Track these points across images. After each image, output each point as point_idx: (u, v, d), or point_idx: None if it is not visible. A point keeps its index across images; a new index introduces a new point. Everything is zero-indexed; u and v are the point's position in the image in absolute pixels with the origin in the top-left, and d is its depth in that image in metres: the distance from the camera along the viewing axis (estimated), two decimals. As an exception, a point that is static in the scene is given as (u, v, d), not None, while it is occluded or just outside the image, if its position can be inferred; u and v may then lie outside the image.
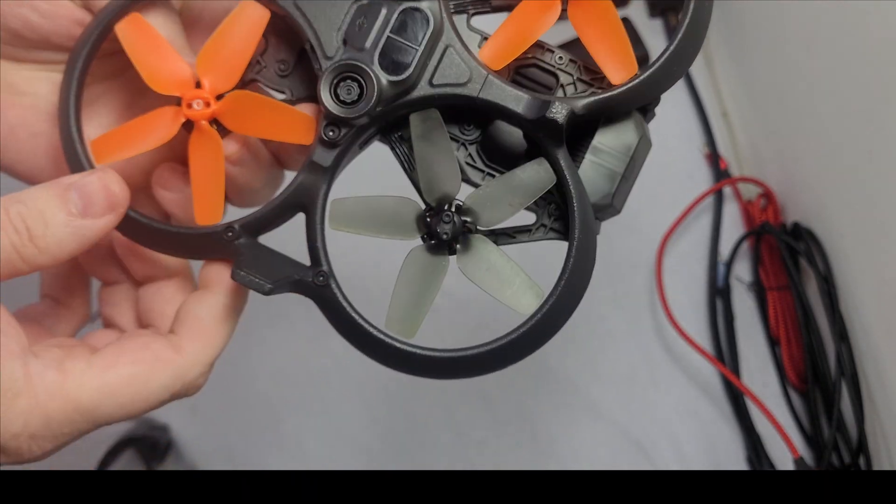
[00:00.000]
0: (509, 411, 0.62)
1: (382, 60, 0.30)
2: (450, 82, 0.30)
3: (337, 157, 0.31)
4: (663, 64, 0.31)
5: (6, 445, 0.28)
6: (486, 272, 0.31)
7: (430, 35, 0.30)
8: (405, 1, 0.30)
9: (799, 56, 0.58)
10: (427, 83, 0.30)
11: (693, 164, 0.68)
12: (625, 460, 0.61)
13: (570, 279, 0.31)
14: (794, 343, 0.61)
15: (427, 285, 0.30)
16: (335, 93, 0.30)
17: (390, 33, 0.30)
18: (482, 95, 0.30)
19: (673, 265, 0.65)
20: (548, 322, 0.31)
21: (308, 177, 0.30)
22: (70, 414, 0.28)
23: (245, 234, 0.30)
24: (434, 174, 0.30)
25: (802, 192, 0.61)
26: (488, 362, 0.31)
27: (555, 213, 0.33)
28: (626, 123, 0.32)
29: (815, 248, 0.58)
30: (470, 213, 0.30)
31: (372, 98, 0.29)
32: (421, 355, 0.30)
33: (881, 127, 0.49)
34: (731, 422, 0.62)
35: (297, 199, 0.31)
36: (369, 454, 0.61)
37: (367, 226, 0.31)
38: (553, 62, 0.32)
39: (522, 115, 0.30)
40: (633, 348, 0.64)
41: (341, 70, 0.30)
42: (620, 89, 0.30)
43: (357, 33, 0.30)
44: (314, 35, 0.30)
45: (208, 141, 0.31)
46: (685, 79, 0.69)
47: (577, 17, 0.30)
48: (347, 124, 0.30)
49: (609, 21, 0.30)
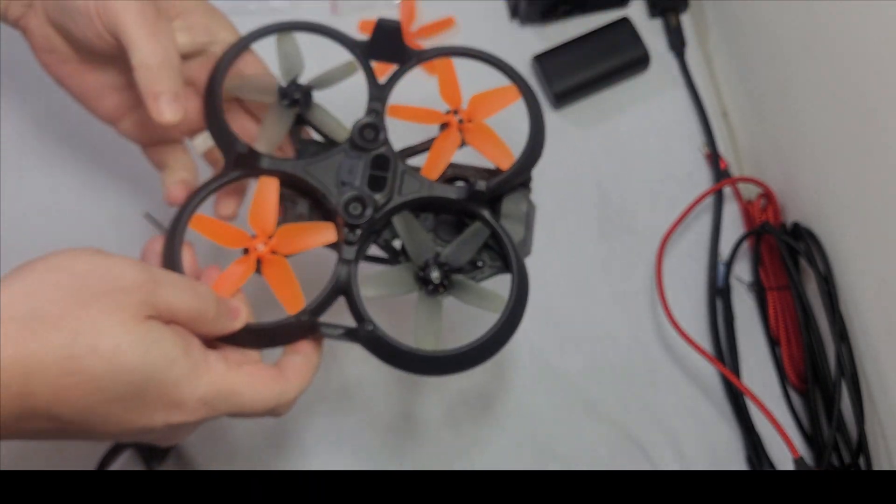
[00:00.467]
0: (509, 410, 0.62)
1: (370, 186, 0.47)
2: (411, 192, 0.48)
3: (356, 252, 0.46)
4: (523, 157, 0.49)
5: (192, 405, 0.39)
6: (472, 296, 0.46)
7: (392, 166, 0.48)
8: (373, 151, 0.48)
9: (799, 56, 0.58)
10: (398, 195, 0.48)
11: (693, 165, 0.68)
12: (624, 459, 0.61)
13: (520, 291, 0.46)
14: (794, 343, 0.62)
15: (434, 316, 0.46)
16: (348, 210, 0.46)
17: (371, 171, 0.47)
18: (432, 194, 0.48)
19: (673, 265, 0.65)
20: (510, 322, 0.46)
21: (341, 269, 0.46)
22: (223, 395, 0.40)
23: (312, 316, 0.45)
24: (417, 247, 0.47)
25: (802, 192, 0.61)
26: (489, 351, 0.46)
27: (491, 260, 0.49)
28: (518, 195, 0.50)
29: (815, 249, 0.59)
30: (445, 262, 0.46)
31: (370, 210, 0.46)
32: (442, 357, 0.45)
33: (881, 127, 0.50)
34: (731, 422, 0.62)
35: (338, 287, 0.46)
36: (369, 452, 0.61)
37: (387, 289, 0.46)
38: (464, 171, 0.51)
39: (459, 198, 0.48)
40: (632, 348, 0.64)
41: (349, 200, 0.46)
42: (507, 172, 0.48)
43: (349, 176, 0.47)
44: (323, 185, 0.47)
45: (276, 263, 0.46)
46: (685, 79, 0.69)
47: (472, 140, 0.50)
48: (358, 228, 0.46)
49: (491, 136, 0.50)
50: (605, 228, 0.66)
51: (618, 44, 0.68)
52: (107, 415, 0.37)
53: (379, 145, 0.48)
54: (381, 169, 0.48)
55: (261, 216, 0.46)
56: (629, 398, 0.63)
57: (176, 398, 0.38)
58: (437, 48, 0.52)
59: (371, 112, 0.49)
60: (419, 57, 0.51)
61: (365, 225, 0.46)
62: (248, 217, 0.46)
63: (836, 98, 0.54)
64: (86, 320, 0.36)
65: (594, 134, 0.68)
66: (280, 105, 0.50)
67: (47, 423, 0.36)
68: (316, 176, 0.47)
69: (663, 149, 0.68)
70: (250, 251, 0.45)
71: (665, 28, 0.71)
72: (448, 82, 0.52)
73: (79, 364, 0.35)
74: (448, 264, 0.46)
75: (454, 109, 0.51)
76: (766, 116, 0.66)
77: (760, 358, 0.64)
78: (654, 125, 0.69)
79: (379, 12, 0.70)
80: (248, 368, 0.42)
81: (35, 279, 0.36)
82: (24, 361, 0.34)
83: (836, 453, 0.57)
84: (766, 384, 0.63)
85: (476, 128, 0.50)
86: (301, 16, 0.70)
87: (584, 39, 0.68)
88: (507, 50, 0.69)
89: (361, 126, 0.48)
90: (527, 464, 0.61)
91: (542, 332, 0.64)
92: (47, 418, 0.36)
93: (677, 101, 0.69)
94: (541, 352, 0.64)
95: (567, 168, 0.67)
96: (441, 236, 0.50)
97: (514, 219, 0.49)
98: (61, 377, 0.35)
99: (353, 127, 0.48)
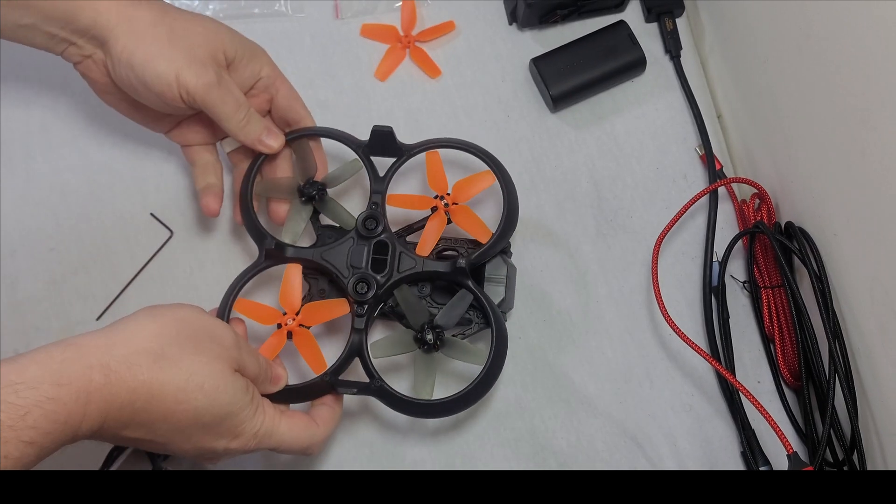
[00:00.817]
0: (508, 406, 0.63)
1: (373, 268, 0.57)
2: (407, 269, 0.58)
3: (365, 322, 0.56)
4: (498, 233, 0.58)
5: (247, 437, 0.49)
6: (459, 352, 0.56)
7: (391, 249, 0.57)
8: (374, 238, 0.58)
9: (791, 59, 0.58)
10: (396, 272, 0.57)
11: (688, 165, 0.68)
12: (621, 455, 0.62)
13: (498, 346, 0.56)
14: (787, 341, 0.62)
15: (430, 370, 0.56)
16: (356, 290, 0.56)
17: (373, 255, 0.57)
18: (425, 269, 0.57)
19: (669, 264, 0.66)
20: (491, 372, 0.55)
21: (354, 338, 0.56)
22: (269, 434, 0.50)
23: (333, 376, 0.55)
24: (414, 314, 0.56)
25: (796, 192, 0.62)
26: (476, 396, 0.56)
27: (478, 317, 0.59)
28: (498, 261, 0.60)
29: (809, 247, 0.59)
30: (438, 325, 0.56)
31: (374, 287, 0.56)
32: (436, 403, 0.55)
33: (873, 128, 0.50)
34: (725, 418, 0.63)
35: (352, 351, 0.56)
36: (371, 448, 0.62)
37: (391, 350, 0.57)
38: (454, 244, 0.61)
39: (446, 271, 0.57)
40: (629, 345, 0.64)
41: (356, 281, 0.56)
42: (486, 245, 0.58)
43: (356, 260, 0.57)
44: (335, 269, 0.57)
45: (303, 334, 0.56)
46: (681, 82, 0.70)
47: (457, 219, 0.59)
48: (366, 303, 0.56)
49: (471, 216, 0.58)
50: (602, 228, 0.67)
51: (614, 47, 0.69)
52: (190, 437, 0.47)
53: (379, 233, 0.58)
54: (382, 253, 0.57)
55: (288, 297, 0.57)
56: (626, 395, 0.63)
57: (239, 431, 0.49)
58: (424, 142, 0.61)
59: (372, 205, 0.58)
60: (409, 151, 0.60)
61: (370, 301, 0.56)
62: (279, 298, 0.57)
63: (828, 100, 0.55)
64: (197, 364, 0.46)
65: (591, 135, 0.69)
66: (299, 202, 0.60)
67: (144, 434, 0.45)
68: (330, 261, 0.57)
69: (659, 150, 0.69)
70: (282, 326, 0.56)
71: (661, 32, 0.71)
72: (435, 172, 0.60)
73: (187, 396, 0.45)
74: (440, 327, 0.56)
75: (441, 195, 0.59)
76: (759, 118, 0.66)
77: (755, 355, 0.64)
78: (650, 127, 0.69)
79: (381, 16, 0.72)
80: (289, 414, 0.52)
81: (162, 324, 0.46)
82: (150, 387, 0.44)
83: (829, 449, 0.57)
84: (760, 381, 0.64)
85: (460, 209, 0.59)
86: (305, 21, 0.71)
87: (581, 43, 0.69)
88: (506, 53, 0.71)
89: (364, 218, 0.58)
90: (525, 459, 0.62)
91: (540, 330, 0.64)
92: (147, 431, 0.45)
93: (673, 103, 0.70)
94: (539, 349, 0.64)
95: (565, 169, 0.68)
96: (436, 300, 0.59)
97: (495, 282, 0.59)
98: (173, 404, 0.45)
99: (357, 219, 0.58)
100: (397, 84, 0.70)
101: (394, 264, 0.57)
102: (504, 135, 0.69)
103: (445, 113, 0.69)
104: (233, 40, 0.57)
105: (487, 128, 0.69)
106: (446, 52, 0.71)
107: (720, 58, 0.70)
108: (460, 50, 0.71)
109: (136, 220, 0.65)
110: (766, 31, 0.61)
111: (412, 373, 0.57)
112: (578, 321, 0.65)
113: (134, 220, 0.65)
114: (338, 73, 0.70)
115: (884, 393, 0.54)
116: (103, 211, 0.65)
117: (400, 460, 0.62)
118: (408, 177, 0.65)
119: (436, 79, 0.70)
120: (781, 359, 0.62)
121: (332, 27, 0.71)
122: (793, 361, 0.62)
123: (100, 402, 0.41)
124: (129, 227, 0.65)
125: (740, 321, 0.65)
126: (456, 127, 0.69)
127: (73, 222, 0.65)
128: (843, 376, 0.56)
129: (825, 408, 0.56)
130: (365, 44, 0.71)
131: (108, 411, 0.42)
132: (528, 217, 0.66)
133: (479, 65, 0.71)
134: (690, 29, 0.73)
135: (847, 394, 0.56)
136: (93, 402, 0.41)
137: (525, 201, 0.63)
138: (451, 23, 0.71)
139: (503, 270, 0.59)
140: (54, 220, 0.65)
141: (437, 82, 0.70)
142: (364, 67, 0.70)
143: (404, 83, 0.70)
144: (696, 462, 0.62)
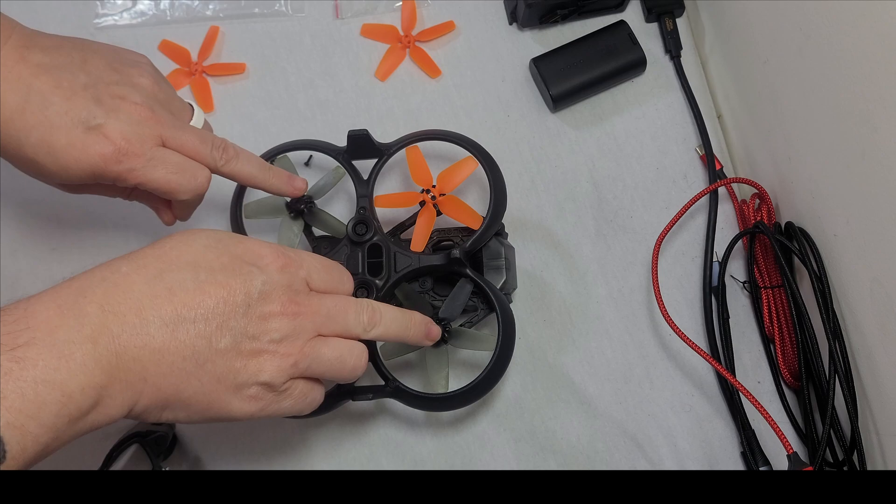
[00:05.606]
0: (508, 406, 0.63)
1: (370, 272, 0.57)
2: (404, 267, 0.58)
3: None
4: (489, 216, 0.58)
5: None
6: (467, 341, 0.57)
7: (385, 251, 0.58)
8: (366, 243, 0.58)
9: (791, 59, 0.58)
10: (394, 272, 0.58)
11: (688, 166, 0.69)
12: (621, 455, 0.62)
13: (505, 329, 0.56)
14: (787, 341, 0.62)
15: (442, 363, 0.57)
16: (356, 294, 0.55)
17: (368, 259, 0.58)
18: (422, 265, 0.58)
19: (669, 264, 0.66)
20: (502, 356, 0.56)
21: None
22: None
23: (349, 385, 0.56)
24: (419, 310, 0.54)
25: (796, 192, 0.62)
26: (487, 384, 0.56)
27: (482, 303, 0.59)
28: (495, 244, 0.60)
29: (809, 247, 0.59)
30: (443, 318, 0.56)
31: (374, 291, 0.56)
32: (453, 395, 0.55)
33: (874, 128, 0.50)
34: (725, 418, 0.63)
35: None
36: (371, 448, 0.62)
37: (402, 350, 0.58)
38: (448, 234, 0.61)
39: (443, 263, 0.57)
40: (629, 346, 0.64)
41: (356, 286, 0.55)
42: (478, 231, 0.58)
43: (352, 266, 0.57)
44: None
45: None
46: (681, 82, 0.70)
47: (446, 210, 0.59)
48: None
49: (460, 204, 0.58)
50: (602, 228, 0.67)
51: (615, 47, 0.69)
52: (201, 366, 0.43)
53: (371, 237, 0.58)
54: (376, 256, 0.58)
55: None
56: (626, 395, 0.63)
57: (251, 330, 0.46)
58: (403, 138, 0.61)
59: (360, 210, 0.59)
60: (389, 151, 0.60)
61: None
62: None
63: (828, 100, 0.55)
64: None
65: (591, 135, 0.69)
66: (289, 218, 0.61)
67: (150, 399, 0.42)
68: None
69: (659, 150, 0.69)
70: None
71: (661, 32, 0.72)
72: (417, 167, 0.60)
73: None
74: (446, 319, 0.56)
75: (426, 188, 0.59)
76: (759, 118, 0.66)
77: (755, 355, 0.64)
78: (650, 127, 0.70)
79: (381, 16, 0.72)
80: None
81: None
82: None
83: (829, 449, 0.57)
84: (760, 381, 0.64)
85: (447, 200, 0.59)
86: (305, 21, 0.71)
87: (581, 43, 0.69)
88: (506, 53, 0.71)
89: (354, 224, 0.58)
90: (526, 459, 0.62)
91: (540, 330, 0.64)
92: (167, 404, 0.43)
93: (673, 103, 0.70)
94: (539, 349, 0.64)
95: (565, 169, 0.68)
96: (438, 293, 0.60)
97: (495, 265, 0.59)
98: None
99: (347, 226, 0.58)
100: (397, 84, 0.70)
101: (390, 265, 0.57)
102: (504, 135, 0.69)
103: (445, 113, 0.69)
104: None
105: (487, 128, 0.69)
106: (446, 52, 0.71)
107: (720, 58, 0.70)
108: (460, 50, 0.71)
109: (137, 221, 0.65)
110: (767, 32, 0.61)
111: (422, 369, 0.57)
112: (578, 321, 0.65)
113: (135, 221, 0.65)
114: (338, 73, 0.70)
115: (884, 393, 0.54)
116: (104, 211, 0.65)
117: (400, 460, 0.62)
118: (393, 174, 0.66)
119: (436, 79, 0.70)
120: (781, 359, 0.62)
121: (332, 27, 0.71)
122: (793, 361, 0.62)
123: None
124: (129, 227, 0.65)
125: (740, 321, 0.65)
126: (456, 127, 0.68)
127: (74, 222, 0.65)
128: (842, 376, 0.56)
129: (825, 408, 0.56)
130: (365, 44, 0.71)
131: None
132: (528, 217, 0.67)
133: (479, 65, 0.71)
134: (690, 29, 0.73)
135: (847, 394, 0.56)
136: None
137: (525, 201, 0.63)
138: (451, 23, 0.71)
139: (501, 252, 0.60)
140: (55, 219, 0.65)
141: (437, 82, 0.70)
142: (364, 67, 0.70)
143: (404, 83, 0.70)
144: (696, 462, 0.62)
